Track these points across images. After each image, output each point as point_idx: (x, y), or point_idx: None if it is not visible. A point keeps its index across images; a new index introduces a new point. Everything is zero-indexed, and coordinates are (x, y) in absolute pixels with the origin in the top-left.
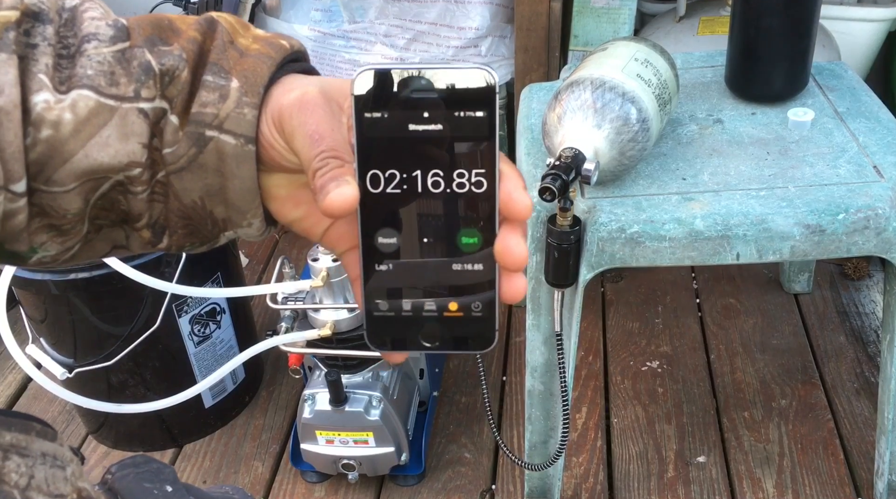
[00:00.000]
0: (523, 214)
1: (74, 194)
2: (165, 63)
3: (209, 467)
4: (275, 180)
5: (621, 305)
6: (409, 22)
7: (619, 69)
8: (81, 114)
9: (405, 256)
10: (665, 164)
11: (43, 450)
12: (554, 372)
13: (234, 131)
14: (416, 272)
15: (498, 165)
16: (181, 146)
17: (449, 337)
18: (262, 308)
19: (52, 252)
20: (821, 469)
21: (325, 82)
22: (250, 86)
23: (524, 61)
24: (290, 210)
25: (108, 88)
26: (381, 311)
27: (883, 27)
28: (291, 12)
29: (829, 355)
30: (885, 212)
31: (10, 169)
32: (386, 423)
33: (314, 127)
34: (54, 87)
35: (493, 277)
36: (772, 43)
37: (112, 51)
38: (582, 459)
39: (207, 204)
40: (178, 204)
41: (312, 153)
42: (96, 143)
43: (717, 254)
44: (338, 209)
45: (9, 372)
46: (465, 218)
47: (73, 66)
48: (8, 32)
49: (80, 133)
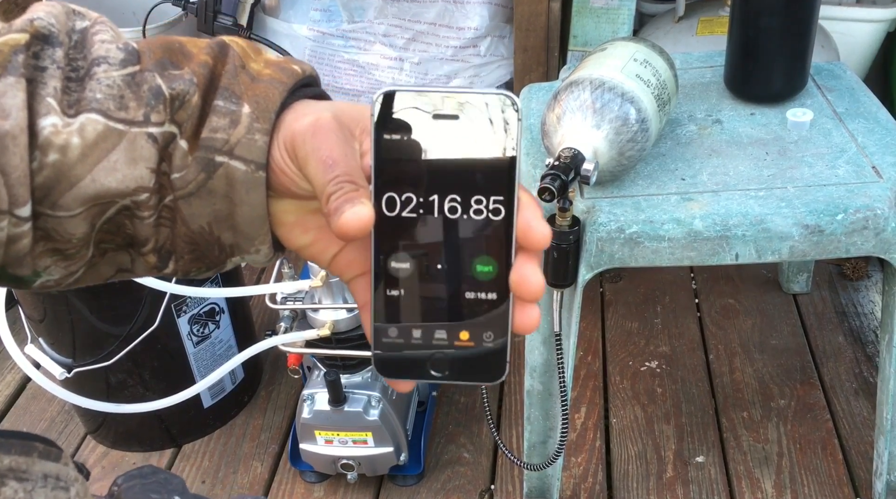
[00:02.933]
0: (541, 243)
1: (80, 219)
2: (176, 87)
3: (208, 466)
4: (284, 206)
5: (620, 305)
6: (408, 22)
7: (618, 69)
8: (89, 138)
9: (417, 283)
10: (664, 164)
11: (45, 471)
12: (553, 372)
13: (245, 157)
14: (428, 299)
15: (517, 192)
16: (190, 171)
17: (458, 368)
18: (261, 308)
19: (55, 276)
20: (819, 469)
21: (337, 108)
22: (262, 111)
23: (523, 61)
24: (298, 236)
25: (118, 112)
26: (390, 338)
27: (882, 27)
28: (290, 12)
29: (828, 356)
30: (884, 212)
31: (14, 193)
32: (385, 423)
33: (327, 152)
34: (62, 110)
35: (506, 307)
36: (771, 43)
37: (122, 74)
38: (581, 459)
39: (215, 230)
40: (186, 229)
41: (326, 178)
42: (104, 167)
43: (715, 254)
44: (352, 230)
45: (7, 372)
46: (480, 245)
47: (82, 90)
48: (17, 55)
49: (87, 158)
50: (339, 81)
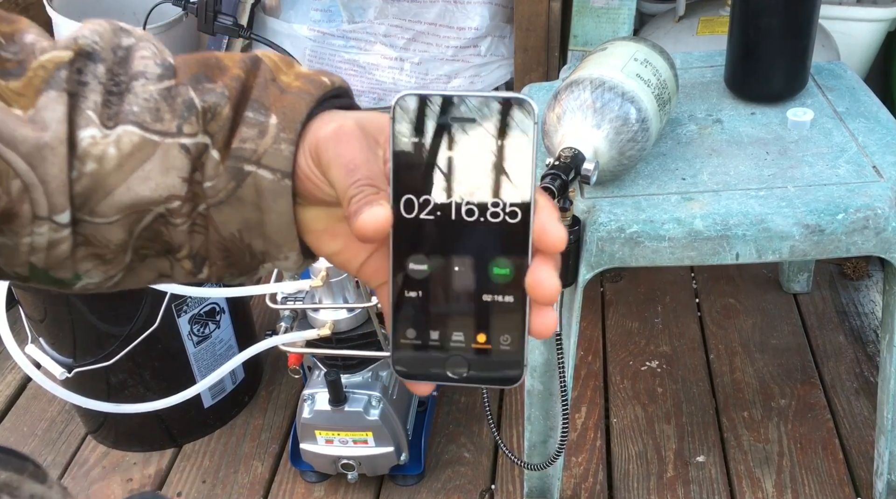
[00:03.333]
0: (558, 246)
1: (117, 226)
2: (208, 100)
3: (208, 466)
4: (313, 214)
5: (621, 304)
6: (408, 22)
7: (618, 69)
8: (125, 148)
9: (435, 285)
10: (664, 164)
11: (32, 492)
12: (553, 372)
13: (272, 166)
14: (446, 302)
15: (534, 195)
16: (221, 180)
17: (475, 370)
18: (261, 308)
19: (95, 280)
20: (820, 469)
21: (362, 116)
22: (288, 122)
23: (523, 61)
24: (327, 243)
25: (153, 124)
26: (409, 339)
27: (882, 27)
28: (291, 12)
29: (829, 355)
30: (885, 212)
31: (54, 201)
32: (385, 423)
33: (350, 157)
34: (102, 122)
35: (523, 310)
36: (771, 43)
37: (158, 88)
38: (581, 458)
39: (245, 237)
40: (218, 236)
41: (348, 182)
42: (138, 176)
43: (716, 254)
44: (370, 231)
45: (8, 372)
46: (497, 248)
47: (121, 103)
48: (60, 71)
49: (123, 167)
50: None
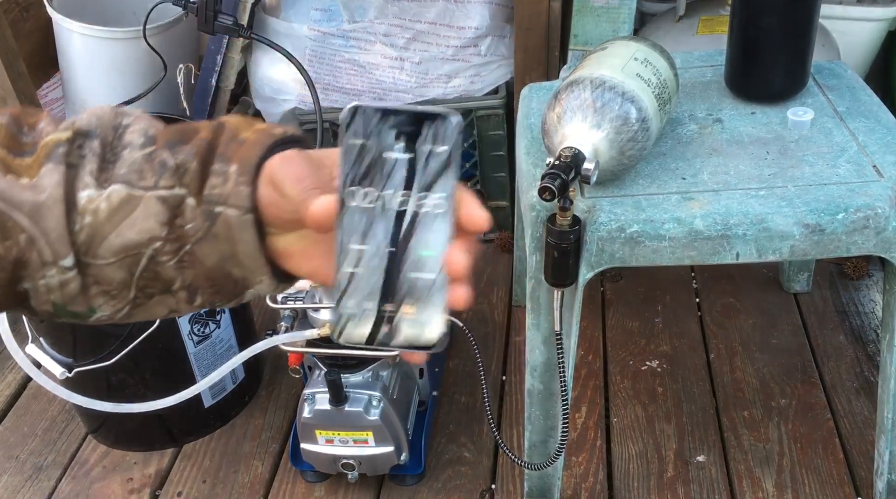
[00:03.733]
0: (482, 225)
1: (116, 266)
2: (178, 159)
3: (209, 466)
4: (287, 240)
5: (621, 304)
6: (408, 21)
7: (618, 69)
8: (115, 203)
9: (373, 263)
10: (665, 163)
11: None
12: (553, 371)
13: (236, 204)
14: (381, 277)
15: (455, 190)
16: (198, 221)
17: (405, 337)
18: (261, 308)
19: (107, 312)
20: (820, 468)
21: (309, 151)
22: (245, 167)
23: (524, 61)
24: (304, 264)
25: (138, 182)
26: (348, 309)
27: (882, 27)
28: (291, 12)
29: (829, 355)
30: (885, 211)
31: (56, 249)
32: (385, 422)
33: (297, 172)
34: (98, 184)
35: (443, 285)
36: (771, 42)
37: (142, 154)
38: (581, 458)
39: (225, 266)
40: (203, 268)
41: (298, 189)
42: (126, 224)
43: (716, 253)
44: (321, 216)
45: (8, 372)
46: (424, 233)
47: (113, 168)
48: (58, 148)
49: (114, 217)
50: (340, 81)
